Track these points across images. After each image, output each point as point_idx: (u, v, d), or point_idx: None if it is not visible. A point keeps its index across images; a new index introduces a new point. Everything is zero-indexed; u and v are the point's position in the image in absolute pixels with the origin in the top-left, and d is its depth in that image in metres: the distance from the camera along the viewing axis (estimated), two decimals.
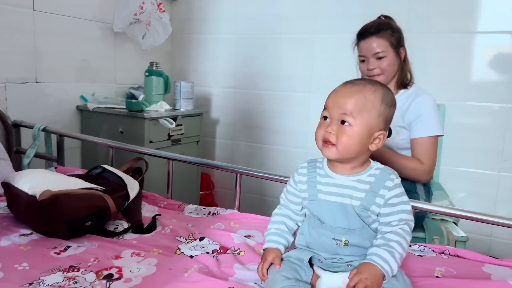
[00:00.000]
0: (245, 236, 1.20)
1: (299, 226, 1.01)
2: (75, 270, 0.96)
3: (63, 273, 0.95)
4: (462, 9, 1.94)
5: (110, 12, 2.11)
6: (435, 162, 1.63)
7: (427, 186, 1.71)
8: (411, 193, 1.67)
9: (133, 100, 1.97)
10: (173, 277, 0.94)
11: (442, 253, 1.17)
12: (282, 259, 0.94)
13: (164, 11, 2.22)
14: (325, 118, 0.91)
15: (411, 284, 0.90)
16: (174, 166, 1.55)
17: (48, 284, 0.89)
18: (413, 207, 1.19)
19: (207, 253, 1.09)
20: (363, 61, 1.67)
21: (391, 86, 1.70)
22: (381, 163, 1.62)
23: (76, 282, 0.91)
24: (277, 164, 2.36)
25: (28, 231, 1.15)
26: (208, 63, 2.52)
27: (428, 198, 1.70)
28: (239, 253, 1.10)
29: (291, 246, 1.00)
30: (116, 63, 2.23)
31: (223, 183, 2.55)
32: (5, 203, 1.26)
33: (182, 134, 2.12)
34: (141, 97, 2.04)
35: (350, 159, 0.91)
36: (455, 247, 1.70)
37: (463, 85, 1.99)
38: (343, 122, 0.88)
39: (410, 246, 1.21)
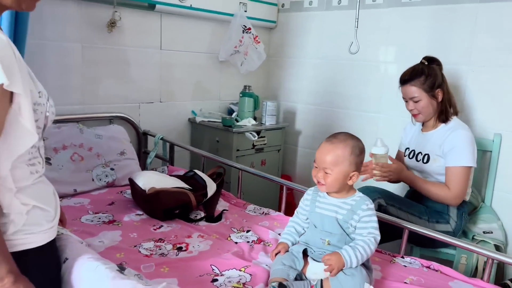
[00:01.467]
0: (278, 234, 1.66)
1: (305, 231, 1.43)
2: (161, 241, 1.54)
3: (154, 242, 1.53)
4: None
5: (216, 46, 2.70)
6: (464, 189, 1.85)
7: (461, 209, 1.93)
8: (443, 214, 1.92)
9: (227, 117, 2.54)
10: (217, 255, 1.46)
11: (428, 267, 1.47)
12: (287, 251, 1.38)
13: (259, 42, 2.72)
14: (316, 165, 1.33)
15: (368, 277, 1.25)
16: (259, 170, 2.10)
17: (144, 248, 1.48)
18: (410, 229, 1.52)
19: (247, 242, 1.58)
20: (406, 101, 1.97)
21: (432, 121, 1.95)
22: (412, 187, 1.92)
23: (160, 249, 1.48)
24: None
25: (140, 213, 1.78)
26: (296, 82, 2.97)
27: (460, 220, 1.92)
28: (268, 245, 1.57)
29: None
30: (220, 84, 2.82)
31: (303, 183, 2.99)
32: (129, 191, 1.92)
33: (265, 144, 2.63)
34: (234, 114, 2.60)
35: (336, 190, 1.31)
36: (483, 268, 1.90)
37: None
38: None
39: (402, 257, 1.53)
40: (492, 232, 2.10)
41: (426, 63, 1.92)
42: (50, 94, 1.06)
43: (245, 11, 2.74)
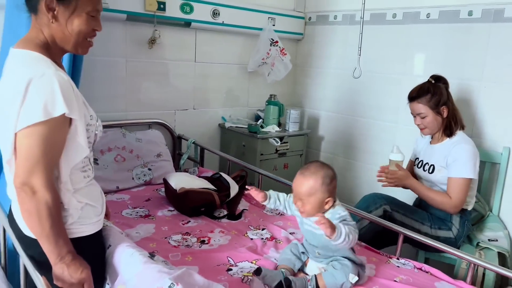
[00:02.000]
0: (290, 233, 1.88)
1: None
2: (188, 235, 1.80)
3: (182, 235, 1.79)
4: None
5: (246, 58, 2.94)
6: (463, 198, 1.98)
7: (463, 218, 2.07)
8: (446, 221, 2.07)
9: (253, 123, 2.78)
10: (233, 248, 1.70)
11: (420, 268, 1.65)
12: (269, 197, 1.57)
13: (285, 54, 2.93)
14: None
15: (355, 269, 1.44)
16: (282, 173, 2.43)
17: (173, 240, 1.74)
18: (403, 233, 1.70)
19: (261, 238, 1.81)
20: (414, 116, 2.12)
21: (438, 134, 2.10)
22: (417, 194, 2.06)
23: (186, 241, 1.74)
24: (365, 179, 2.89)
25: (172, 209, 2.05)
26: (320, 91, 3.16)
27: (462, 228, 2.07)
28: (279, 242, 1.79)
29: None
30: (249, 92, 3.06)
31: None
32: (163, 189, 2.20)
33: (287, 149, 2.85)
34: (259, 121, 2.84)
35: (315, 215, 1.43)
36: (483, 275, 2.03)
37: None
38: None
39: (398, 259, 1.71)
40: (497, 240, 2.22)
41: (433, 81, 2.07)
42: (98, 102, 1.36)
43: (273, 25, 2.96)
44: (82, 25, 1.19)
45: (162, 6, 2.42)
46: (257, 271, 1.40)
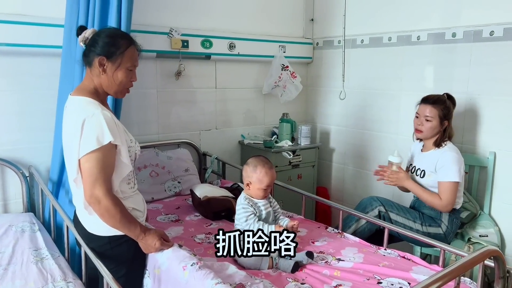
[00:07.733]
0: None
1: None
2: (210, 234, 2.17)
3: (205, 235, 2.17)
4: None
5: (260, 82, 3.33)
6: (452, 199, 2.25)
7: (452, 216, 2.34)
8: (436, 219, 2.36)
9: (268, 139, 3.15)
10: None
11: (403, 257, 1.94)
12: None
13: (296, 77, 3.30)
14: None
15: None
16: (296, 183, 2.82)
17: (198, 238, 2.12)
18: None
19: None
20: (417, 117, 2.41)
21: (430, 142, 2.39)
22: (414, 194, 2.33)
23: (208, 239, 2.12)
24: (373, 186, 3.19)
25: (197, 214, 2.44)
26: (329, 107, 3.50)
27: (451, 225, 2.34)
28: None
29: None
30: (265, 112, 3.45)
31: (337, 193, 3.51)
32: (191, 199, 2.59)
33: (300, 161, 3.20)
34: (274, 137, 3.21)
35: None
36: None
37: (510, 136, 2.46)
38: None
39: (385, 249, 2.01)
40: (487, 236, 2.47)
41: (446, 97, 2.36)
42: (134, 127, 1.77)
43: (284, 52, 3.35)
44: (123, 77, 1.61)
45: (185, 44, 2.86)
46: None
